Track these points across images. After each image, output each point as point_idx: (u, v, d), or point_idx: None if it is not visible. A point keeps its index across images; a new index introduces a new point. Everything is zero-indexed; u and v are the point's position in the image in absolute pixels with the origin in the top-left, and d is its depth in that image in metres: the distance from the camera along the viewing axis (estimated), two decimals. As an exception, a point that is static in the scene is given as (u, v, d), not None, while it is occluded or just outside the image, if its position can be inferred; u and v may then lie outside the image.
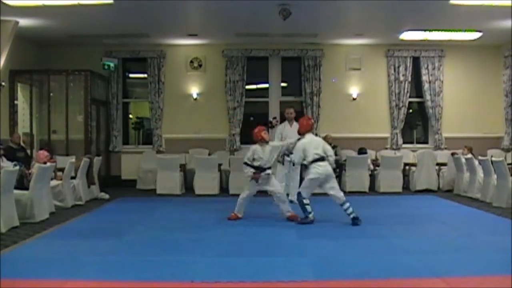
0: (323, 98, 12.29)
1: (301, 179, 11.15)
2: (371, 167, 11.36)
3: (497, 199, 8.77)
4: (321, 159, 7.30)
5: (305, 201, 7.31)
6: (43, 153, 8.64)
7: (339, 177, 11.42)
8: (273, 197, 7.67)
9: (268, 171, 7.60)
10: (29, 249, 5.81)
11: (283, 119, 9.93)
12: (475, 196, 9.69)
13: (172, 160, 10.95)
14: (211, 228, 7.02)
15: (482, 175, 9.58)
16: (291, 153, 7.84)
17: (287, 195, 9.46)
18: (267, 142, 7.63)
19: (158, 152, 12.21)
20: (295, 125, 9.42)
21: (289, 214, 7.52)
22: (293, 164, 9.32)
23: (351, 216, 7.06)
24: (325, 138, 11.82)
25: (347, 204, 7.13)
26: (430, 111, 12.43)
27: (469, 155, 10.22)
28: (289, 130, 9.37)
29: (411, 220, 7.70)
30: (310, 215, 7.25)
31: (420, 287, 4.43)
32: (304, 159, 7.43)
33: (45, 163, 8.11)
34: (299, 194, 7.41)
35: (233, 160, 10.97)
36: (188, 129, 12.33)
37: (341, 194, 7.30)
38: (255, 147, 7.64)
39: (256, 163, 7.52)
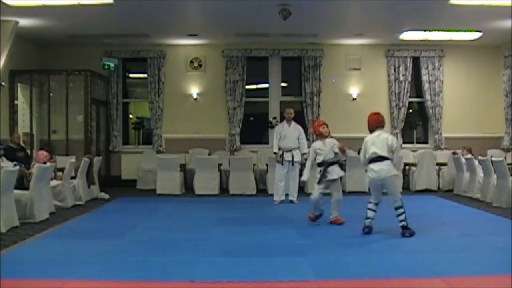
0: (323, 98, 12.29)
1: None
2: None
3: (497, 199, 8.77)
4: (379, 159, 6.34)
5: (368, 206, 6.71)
6: (43, 153, 8.64)
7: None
8: (331, 200, 7.31)
9: (332, 168, 7.24)
10: (29, 249, 5.81)
11: (283, 119, 9.93)
12: (475, 196, 9.69)
13: (172, 160, 10.95)
14: (211, 228, 7.02)
15: (482, 175, 9.57)
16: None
17: (286, 195, 9.50)
18: (325, 137, 7.43)
19: (158, 152, 12.21)
20: (294, 125, 9.45)
21: (333, 218, 7.27)
22: (292, 164, 9.34)
23: (401, 224, 6.34)
24: (325, 138, 11.88)
25: (401, 210, 6.35)
26: (430, 111, 12.43)
27: (469, 155, 10.21)
28: (287, 130, 9.39)
29: (411, 220, 7.66)
30: (367, 221, 6.56)
31: (420, 287, 4.43)
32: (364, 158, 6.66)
33: (45, 163, 8.12)
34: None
35: (233, 160, 10.98)
36: (188, 129, 12.33)
37: (397, 197, 6.44)
38: (314, 144, 7.61)
39: (319, 159, 7.31)
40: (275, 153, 9.45)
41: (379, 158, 6.32)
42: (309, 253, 5.51)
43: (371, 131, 6.59)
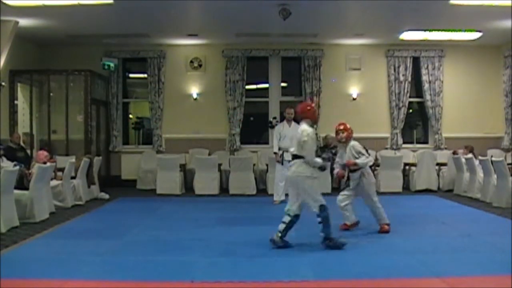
0: (323, 98, 12.28)
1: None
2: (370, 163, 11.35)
3: (497, 199, 8.77)
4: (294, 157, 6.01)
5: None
6: (43, 153, 8.64)
7: (339, 177, 11.45)
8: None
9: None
10: (29, 249, 5.82)
11: (283, 119, 9.92)
12: (475, 196, 9.69)
13: (172, 160, 10.95)
14: (211, 228, 7.02)
15: (482, 175, 9.57)
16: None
17: (287, 195, 9.48)
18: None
19: (158, 152, 12.20)
20: (294, 125, 9.43)
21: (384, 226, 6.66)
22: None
23: (321, 234, 5.74)
24: (325, 139, 11.92)
25: (318, 219, 5.79)
26: (430, 111, 12.43)
27: (469, 155, 10.21)
28: (287, 130, 9.37)
29: (411, 220, 7.70)
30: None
31: (420, 287, 4.43)
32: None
33: (45, 163, 8.12)
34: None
35: (233, 160, 10.98)
36: (188, 129, 12.32)
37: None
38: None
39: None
40: (275, 153, 9.44)
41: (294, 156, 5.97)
42: (309, 253, 5.51)
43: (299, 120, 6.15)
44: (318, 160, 5.81)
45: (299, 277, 4.56)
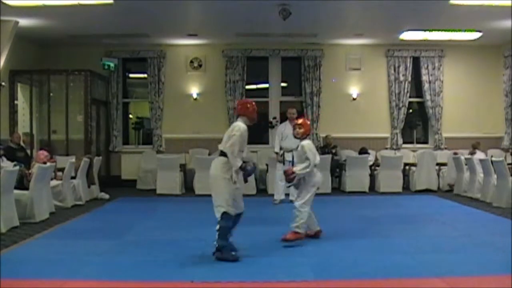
0: (323, 98, 12.28)
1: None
2: (371, 162, 11.38)
3: (497, 199, 8.77)
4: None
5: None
6: (43, 153, 8.64)
7: (339, 177, 11.47)
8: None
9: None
10: (29, 249, 5.81)
11: (282, 119, 9.91)
12: (475, 196, 9.69)
13: (172, 160, 10.94)
14: (211, 228, 6.98)
15: (482, 175, 9.57)
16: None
17: (287, 195, 9.49)
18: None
19: (158, 152, 12.20)
20: None
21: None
22: (292, 164, 9.34)
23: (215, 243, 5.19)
24: (325, 138, 11.92)
25: (217, 226, 5.24)
26: (430, 111, 12.43)
27: (480, 154, 10.16)
28: (289, 130, 9.37)
29: (411, 220, 7.70)
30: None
31: (420, 287, 4.43)
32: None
33: (45, 163, 8.11)
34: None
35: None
36: (188, 129, 12.32)
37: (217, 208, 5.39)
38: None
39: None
40: (276, 153, 9.46)
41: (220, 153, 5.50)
42: (309, 253, 5.51)
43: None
44: (238, 161, 5.27)
45: (299, 277, 4.56)
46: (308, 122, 6.51)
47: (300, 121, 6.44)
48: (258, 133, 12.98)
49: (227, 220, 5.18)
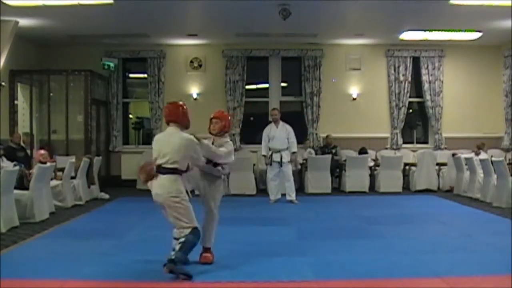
0: (323, 98, 12.28)
1: (301, 178, 11.22)
2: (371, 164, 11.38)
3: (497, 199, 8.77)
4: (163, 170, 4.75)
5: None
6: (39, 152, 8.68)
7: (339, 177, 11.47)
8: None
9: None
10: (29, 249, 5.81)
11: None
12: (475, 196, 9.69)
13: (172, 160, 10.92)
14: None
15: (482, 175, 9.57)
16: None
17: (283, 195, 9.51)
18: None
19: (158, 152, 12.17)
20: (282, 126, 9.52)
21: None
22: (281, 165, 9.37)
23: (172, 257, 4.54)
24: (326, 138, 11.93)
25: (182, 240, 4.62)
26: (430, 111, 12.43)
27: (484, 155, 10.16)
28: (275, 131, 9.50)
29: (411, 220, 7.71)
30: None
31: (420, 287, 4.43)
32: None
33: (43, 162, 8.11)
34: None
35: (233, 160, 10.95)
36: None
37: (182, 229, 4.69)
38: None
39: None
40: (264, 155, 9.54)
41: (163, 170, 4.65)
42: (309, 253, 5.51)
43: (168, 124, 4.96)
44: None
45: (299, 277, 4.56)
46: (229, 118, 5.56)
47: (217, 114, 5.54)
48: (258, 133, 12.98)
49: (197, 236, 4.68)
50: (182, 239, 4.59)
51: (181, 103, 5.11)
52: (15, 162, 8.43)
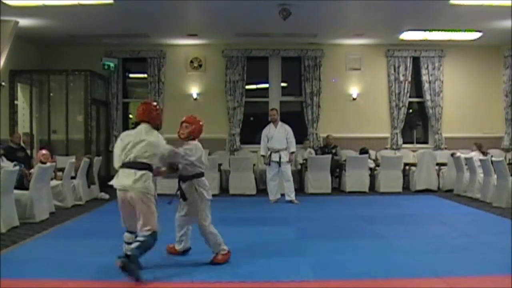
0: (323, 98, 12.29)
1: (301, 178, 11.22)
2: (372, 165, 11.38)
3: (497, 199, 8.77)
4: (131, 164, 4.82)
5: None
6: (40, 152, 8.68)
7: (339, 177, 11.47)
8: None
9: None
10: (29, 249, 5.81)
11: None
12: (475, 196, 9.69)
13: (172, 160, 10.92)
14: (211, 228, 7.00)
15: (482, 175, 9.57)
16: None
17: (282, 195, 9.51)
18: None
19: (158, 152, 12.18)
20: (280, 126, 9.52)
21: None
22: (279, 165, 9.38)
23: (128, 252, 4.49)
24: (326, 138, 11.94)
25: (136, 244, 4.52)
26: (430, 111, 12.43)
27: (472, 154, 10.17)
28: (273, 131, 9.52)
29: (411, 220, 7.70)
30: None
31: (420, 287, 4.43)
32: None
33: (44, 162, 8.11)
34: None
35: (233, 160, 10.98)
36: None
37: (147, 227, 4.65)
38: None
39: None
40: (263, 156, 9.56)
41: (131, 164, 4.71)
42: (309, 253, 5.51)
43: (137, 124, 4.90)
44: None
45: (299, 277, 4.56)
46: (201, 124, 5.42)
47: (189, 118, 5.35)
48: (258, 133, 12.98)
49: (155, 240, 4.60)
50: (142, 238, 4.51)
51: (154, 103, 5.04)
52: (15, 162, 8.43)
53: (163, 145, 4.80)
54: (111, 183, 4.86)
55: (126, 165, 4.72)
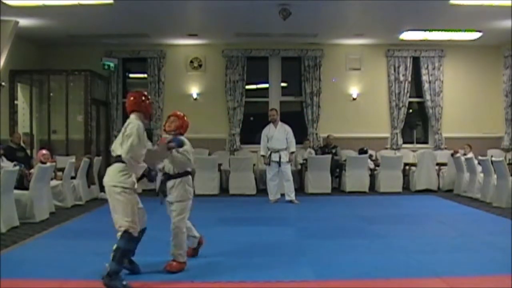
0: (323, 98, 12.28)
1: (301, 178, 11.22)
2: (372, 166, 11.38)
3: (497, 199, 8.77)
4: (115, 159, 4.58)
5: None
6: (41, 152, 8.68)
7: (339, 177, 11.47)
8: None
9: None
10: (29, 249, 5.82)
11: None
12: (475, 196, 9.69)
13: (172, 160, 10.92)
14: (211, 228, 7.00)
15: (482, 175, 9.57)
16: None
17: (282, 195, 9.51)
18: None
19: (158, 152, 12.17)
20: (280, 126, 9.54)
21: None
22: (279, 165, 9.38)
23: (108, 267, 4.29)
24: (327, 138, 11.94)
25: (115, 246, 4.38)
26: (430, 111, 12.43)
27: (470, 154, 10.21)
28: (273, 131, 9.53)
29: (411, 220, 7.71)
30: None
31: (420, 287, 4.43)
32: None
33: (44, 162, 8.11)
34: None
35: (233, 160, 10.98)
36: (188, 129, 12.27)
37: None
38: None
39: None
40: (263, 155, 9.57)
41: (113, 159, 4.52)
42: (309, 253, 5.51)
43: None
44: (140, 168, 4.54)
45: (299, 277, 4.56)
46: (187, 121, 5.34)
47: (176, 113, 5.37)
48: (258, 133, 12.98)
49: (129, 240, 4.32)
50: (114, 246, 4.25)
51: (145, 92, 4.86)
52: (15, 162, 8.43)
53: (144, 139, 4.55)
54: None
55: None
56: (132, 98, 4.58)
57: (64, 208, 8.66)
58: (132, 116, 4.50)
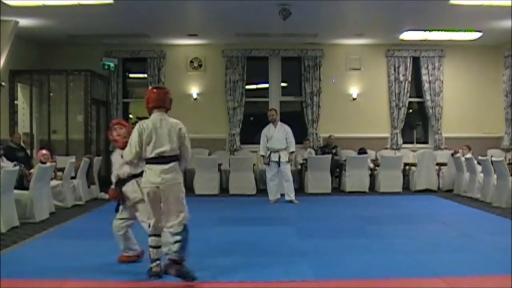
0: (323, 98, 12.28)
1: (301, 178, 11.22)
2: (371, 165, 11.38)
3: (497, 199, 8.77)
4: (163, 159, 4.54)
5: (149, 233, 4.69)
6: (41, 152, 8.68)
7: (339, 177, 11.47)
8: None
9: None
10: (29, 249, 5.82)
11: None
12: (475, 196, 9.69)
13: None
14: (211, 228, 7.01)
15: (482, 175, 9.57)
16: None
17: (282, 195, 9.51)
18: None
19: (158, 152, 12.17)
20: (280, 126, 9.54)
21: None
22: (279, 165, 9.38)
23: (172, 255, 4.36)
24: (327, 138, 11.93)
25: (178, 237, 4.38)
26: (430, 111, 12.43)
27: (469, 155, 10.22)
28: (273, 131, 9.53)
29: (411, 220, 7.71)
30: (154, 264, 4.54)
31: (420, 287, 4.43)
32: None
33: (44, 162, 8.11)
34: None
35: (233, 160, 10.98)
36: (188, 129, 12.14)
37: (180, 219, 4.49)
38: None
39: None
40: (262, 156, 9.57)
41: (164, 159, 4.48)
42: (309, 253, 5.51)
43: (150, 112, 4.64)
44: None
45: (299, 277, 4.56)
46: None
47: (119, 120, 5.45)
48: (258, 133, 12.98)
49: (188, 231, 4.48)
50: (179, 237, 4.34)
51: (166, 88, 4.94)
52: (15, 162, 8.43)
53: (186, 136, 4.91)
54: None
55: (154, 161, 4.49)
56: (156, 95, 4.59)
57: (64, 208, 8.67)
58: (165, 114, 4.63)
